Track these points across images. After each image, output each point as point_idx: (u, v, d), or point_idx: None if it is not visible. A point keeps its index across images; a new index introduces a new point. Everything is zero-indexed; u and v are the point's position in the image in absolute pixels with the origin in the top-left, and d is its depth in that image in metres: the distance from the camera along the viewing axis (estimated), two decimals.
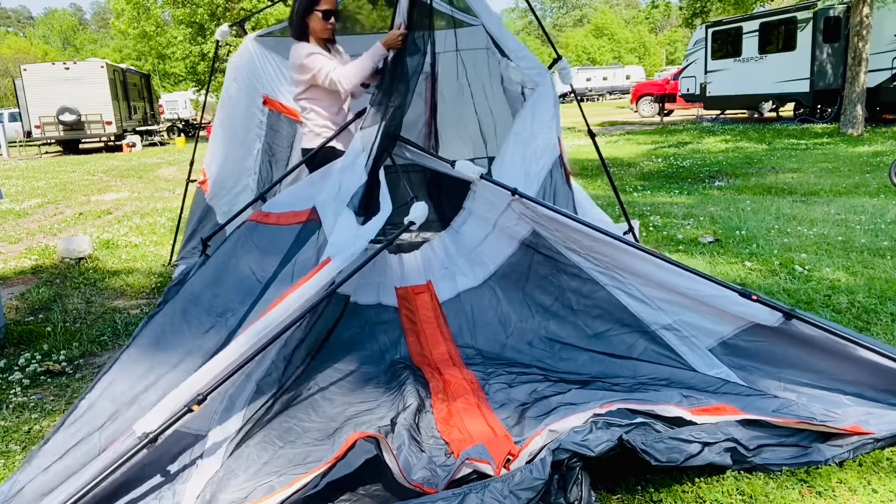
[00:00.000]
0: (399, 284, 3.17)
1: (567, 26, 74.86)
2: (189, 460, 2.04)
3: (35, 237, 6.91)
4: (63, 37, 70.28)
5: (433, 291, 3.12)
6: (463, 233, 3.12)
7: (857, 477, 2.00)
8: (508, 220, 2.89)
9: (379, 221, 2.58)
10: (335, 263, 2.35)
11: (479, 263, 3.07)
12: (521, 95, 3.50)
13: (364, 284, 2.99)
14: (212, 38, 22.70)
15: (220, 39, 4.77)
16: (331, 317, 2.79)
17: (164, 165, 15.01)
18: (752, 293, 2.37)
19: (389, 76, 2.97)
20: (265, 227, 2.79)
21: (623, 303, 2.68)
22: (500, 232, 2.95)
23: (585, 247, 2.69)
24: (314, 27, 3.24)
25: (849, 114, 12.49)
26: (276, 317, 2.19)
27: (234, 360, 2.08)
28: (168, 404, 1.94)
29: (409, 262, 3.25)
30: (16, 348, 3.58)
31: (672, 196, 7.27)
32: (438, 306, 3.06)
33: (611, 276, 2.69)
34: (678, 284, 2.50)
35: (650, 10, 36.07)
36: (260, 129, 4.56)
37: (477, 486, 1.82)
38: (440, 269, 3.17)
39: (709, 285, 2.44)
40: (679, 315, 2.56)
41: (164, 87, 35.87)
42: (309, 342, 2.62)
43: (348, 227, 2.51)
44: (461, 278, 3.10)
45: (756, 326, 2.40)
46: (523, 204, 2.77)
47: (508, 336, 2.89)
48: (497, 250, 2.99)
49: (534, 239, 2.85)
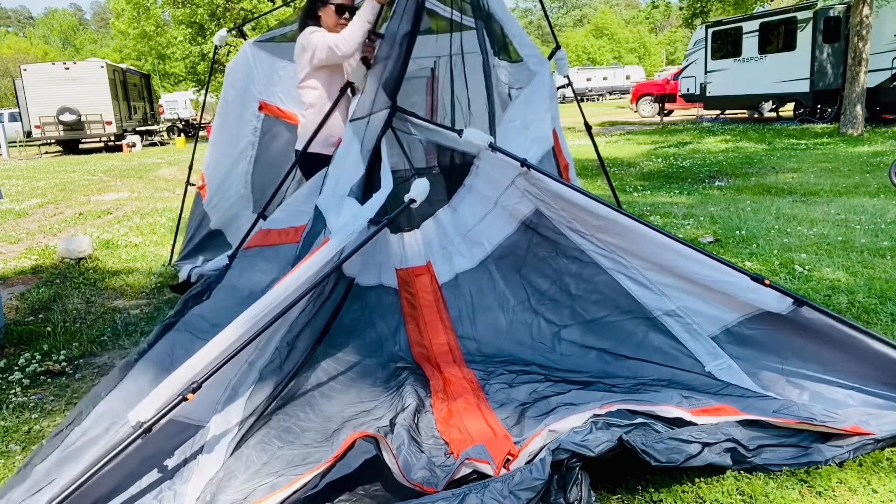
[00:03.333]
0: (399, 265, 3.11)
1: (567, 26, 74.83)
2: (189, 453, 2.00)
3: (35, 237, 6.91)
4: (63, 37, 70.26)
5: (433, 273, 3.07)
6: (460, 211, 3.06)
7: (857, 477, 2.00)
8: (511, 197, 2.82)
9: (379, 199, 2.53)
10: (335, 242, 2.32)
11: (476, 244, 3.00)
12: (508, 97, 3.49)
13: (366, 264, 2.93)
14: (212, 38, 22.68)
15: (218, 44, 4.78)
16: (337, 298, 2.74)
17: (163, 165, 15.01)
18: (764, 278, 2.33)
19: (385, 44, 2.89)
20: (267, 250, 2.77)
21: (625, 287, 2.63)
22: (500, 210, 2.88)
23: (592, 227, 2.63)
24: (326, 22, 3.17)
25: (849, 114, 12.48)
26: (273, 298, 2.12)
27: (229, 346, 2.00)
28: (162, 392, 1.87)
29: (409, 242, 3.19)
30: (16, 348, 3.58)
31: (672, 196, 7.27)
32: (438, 289, 3.02)
33: (614, 259, 2.64)
34: (688, 269, 2.45)
35: (650, 10, 36.03)
36: (254, 136, 4.53)
37: (477, 487, 1.82)
38: (439, 248, 3.11)
39: (720, 269, 2.39)
40: (683, 301, 2.52)
41: (164, 87, 35.87)
42: (315, 326, 2.56)
43: (349, 209, 2.49)
44: (458, 258, 3.05)
45: (763, 315, 2.37)
46: (529, 180, 2.69)
47: (508, 324, 2.85)
48: (495, 230, 2.93)
49: (535, 219, 2.79)
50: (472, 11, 3.66)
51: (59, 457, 1.91)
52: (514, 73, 3.68)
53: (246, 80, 4.47)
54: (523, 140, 3.02)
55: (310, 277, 2.23)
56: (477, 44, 3.93)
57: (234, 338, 2.01)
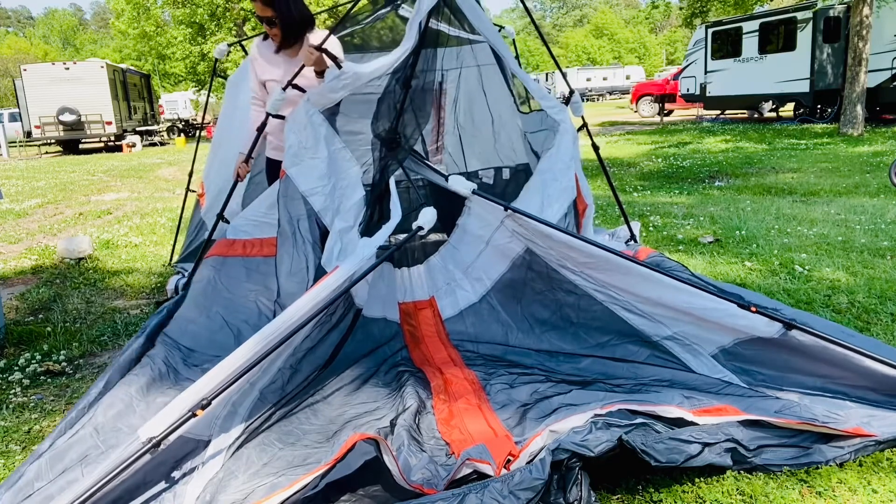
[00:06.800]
0: (402, 299, 3.18)
1: (567, 26, 74.86)
2: (190, 467, 2.03)
3: (35, 237, 6.91)
4: (63, 37, 70.25)
5: (436, 308, 3.14)
6: (460, 249, 3.14)
7: (857, 477, 2.00)
8: (501, 237, 2.89)
9: (388, 228, 2.61)
10: (343, 269, 2.37)
11: (476, 279, 3.09)
12: (524, 136, 3.53)
13: (372, 296, 2.99)
14: (212, 38, 22.68)
15: (218, 57, 4.78)
16: (344, 328, 2.79)
17: (163, 165, 15.00)
18: (751, 304, 2.36)
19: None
20: (232, 261, 2.80)
21: (622, 317, 2.69)
22: (493, 249, 2.96)
23: (580, 264, 2.69)
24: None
25: (849, 114, 12.48)
26: (284, 321, 2.18)
27: (240, 365, 2.06)
28: (173, 409, 1.93)
29: (414, 277, 3.28)
30: (16, 348, 3.58)
31: (672, 196, 7.27)
32: (441, 322, 3.09)
33: (606, 293, 2.70)
34: (677, 299, 2.49)
35: (650, 10, 36.07)
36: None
37: (476, 487, 1.82)
38: (444, 284, 3.20)
39: (707, 298, 2.43)
40: (680, 327, 2.57)
41: (164, 88, 35.88)
42: (320, 352, 2.61)
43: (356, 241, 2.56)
44: (461, 293, 3.13)
45: (755, 339, 2.40)
46: (516, 221, 2.77)
47: (510, 346, 2.90)
48: (491, 267, 3.01)
49: (527, 256, 2.85)
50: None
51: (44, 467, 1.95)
52: (525, 121, 3.77)
53: (246, 94, 4.47)
54: (551, 192, 3.07)
55: (319, 302, 2.26)
56: (485, 56, 3.96)
57: (244, 358, 2.06)
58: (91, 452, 2.01)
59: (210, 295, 2.81)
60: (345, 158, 2.84)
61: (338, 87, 2.76)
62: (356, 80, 2.77)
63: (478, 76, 4.17)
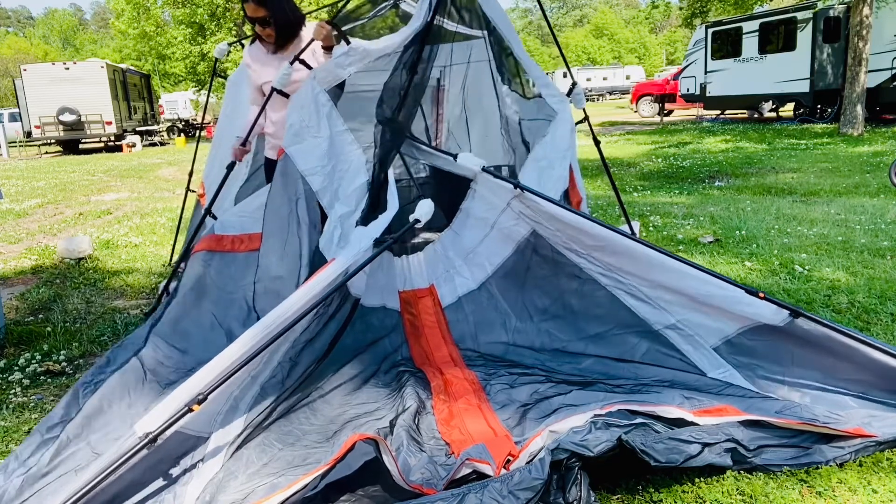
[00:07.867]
0: (402, 288, 3.16)
1: (567, 26, 74.82)
2: (190, 464, 2.02)
3: (35, 237, 6.91)
4: (63, 37, 70.25)
5: (436, 295, 3.11)
6: (461, 235, 3.11)
7: (857, 477, 2.00)
8: (507, 220, 2.86)
9: (385, 220, 2.57)
10: (340, 261, 2.34)
11: (477, 265, 3.05)
12: (518, 125, 3.50)
13: (370, 286, 2.97)
14: (212, 38, 22.68)
15: (218, 57, 4.77)
16: (342, 318, 2.78)
17: (163, 165, 15.00)
18: (759, 291, 2.34)
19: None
20: (221, 256, 2.78)
21: (625, 303, 2.66)
22: (497, 233, 2.92)
23: (587, 247, 2.67)
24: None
25: (849, 114, 12.48)
26: (280, 314, 2.16)
27: (236, 360, 2.05)
28: (168, 404, 1.92)
29: (413, 265, 3.25)
30: (16, 348, 3.58)
31: (672, 196, 7.26)
32: (441, 311, 3.06)
33: (612, 277, 2.66)
34: (684, 284, 2.46)
35: (650, 10, 36.06)
36: (249, 155, 4.53)
37: (476, 487, 1.82)
38: (443, 271, 3.16)
39: (715, 284, 2.41)
40: (683, 315, 2.54)
41: (164, 88, 35.87)
42: (318, 344, 2.60)
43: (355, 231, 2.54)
44: (460, 280, 3.09)
45: (761, 327, 2.38)
46: (524, 202, 2.74)
47: (510, 341, 2.88)
48: (495, 252, 2.97)
49: (532, 239, 2.82)
50: (479, 23, 3.67)
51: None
52: (524, 108, 3.74)
53: (242, 93, 4.46)
54: (547, 179, 3.05)
55: (315, 295, 2.25)
56: (485, 52, 3.95)
57: (240, 352, 2.06)
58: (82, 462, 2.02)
59: (200, 291, 2.79)
60: (347, 142, 2.81)
61: (345, 63, 2.73)
62: (365, 56, 2.75)
63: (471, 74, 4.16)
